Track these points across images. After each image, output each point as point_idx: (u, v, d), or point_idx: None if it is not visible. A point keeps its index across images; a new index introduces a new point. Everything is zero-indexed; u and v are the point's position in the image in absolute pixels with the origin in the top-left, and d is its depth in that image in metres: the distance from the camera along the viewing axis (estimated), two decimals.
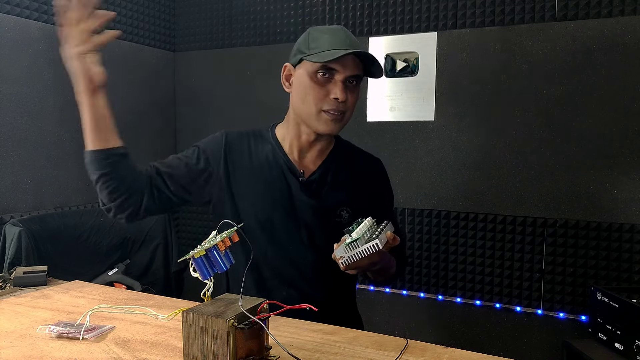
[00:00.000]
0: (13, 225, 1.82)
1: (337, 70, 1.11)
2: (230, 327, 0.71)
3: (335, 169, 1.23)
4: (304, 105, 1.15)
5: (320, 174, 1.21)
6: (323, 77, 1.12)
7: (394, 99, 2.26)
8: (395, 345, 0.87)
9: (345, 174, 1.24)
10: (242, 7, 2.61)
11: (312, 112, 1.14)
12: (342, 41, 1.12)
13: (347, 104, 1.14)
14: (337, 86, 1.11)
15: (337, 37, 1.13)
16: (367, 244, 0.89)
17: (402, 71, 2.24)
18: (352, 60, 1.11)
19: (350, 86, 1.14)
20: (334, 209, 1.20)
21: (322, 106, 1.13)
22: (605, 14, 1.89)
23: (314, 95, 1.13)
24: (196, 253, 0.79)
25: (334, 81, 1.12)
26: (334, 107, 1.12)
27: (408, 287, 2.30)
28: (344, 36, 1.13)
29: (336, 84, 1.11)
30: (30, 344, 0.87)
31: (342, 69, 1.11)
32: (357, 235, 0.91)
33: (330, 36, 1.13)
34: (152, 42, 2.65)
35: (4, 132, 1.96)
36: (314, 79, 1.12)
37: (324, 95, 1.12)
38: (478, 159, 2.12)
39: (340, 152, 1.26)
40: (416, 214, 2.25)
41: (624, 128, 1.88)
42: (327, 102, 1.12)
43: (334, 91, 1.11)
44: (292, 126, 1.21)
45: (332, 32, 1.15)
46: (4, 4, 1.94)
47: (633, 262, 1.89)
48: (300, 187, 1.19)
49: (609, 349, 1.65)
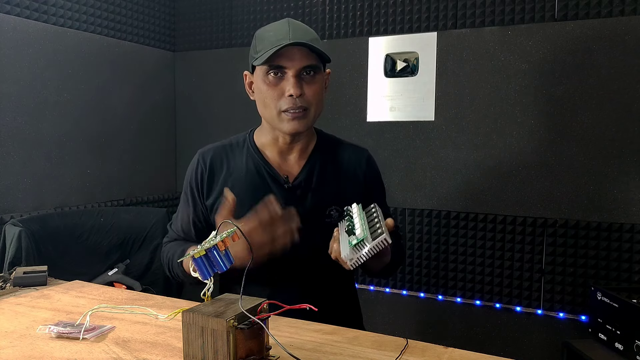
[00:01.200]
0: (13, 225, 1.82)
1: (285, 66, 1.07)
2: (230, 327, 0.71)
3: (320, 167, 1.20)
4: (266, 110, 1.13)
5: (306, 176, 1.18)
6: (275, 77, 1.09)
7: (394, 99, 2.26)
8: (395, 345, 0.87)
9: (331, 171, 1.21)
10: (242, 7, 2.62)
11: (273, 115, 1.11)
12: (284, 34, 1.07)
13: (306, 97, 1.10)
14: (289, 82, 1.08)
15: (280, 32, 1.09)
16: (375, 241, 0.86)
17: (402, 71, 2.24)
18: (299, 51, 1.08)
19: (307, 77, 1.10)
20: (323, 210, 1.18)
21: (281, 106, 1.10)
22: (605, 14, 1.89)
23: (271, 97, 1.10)
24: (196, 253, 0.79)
25: (286, 78, 1.09)
26: (292, 105, 1.09)
27: (408, 287, 2.30)
28: (286, 28, 1.09)
29: (288, 80, 1.08)
30: (30, 344, 0.87)
31: (291, 63, 1.07)
32: (362, 235, 0.88)
33: (274, 33, 1.09)
34: (152, 42, 2.65)
35: (4, 132, 1.96)
36: (266, 81, 1.10)
37: (280, 94, 1.10)
38: (478, 159, 2.12)
39: (324, 148, 1.23)
40: (416, 214, 2.25)
41: (624, 128, 1.88)
42: (284, 101, 1.09)
43: (287, 88, 1.08)
44: (267, 131, 1.19)
45: (275, 27, 1.11)
46: (4, 4, 1.94)
47: (633, 262, 1.89)
48: (286, 195, 1.16)
49: (609, 349, 1.65)
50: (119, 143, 2.45)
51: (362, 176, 1.25)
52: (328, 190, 1.19)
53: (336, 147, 1.26)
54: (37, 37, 2.06)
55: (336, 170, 1.22)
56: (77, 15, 2.23)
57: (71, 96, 2.22)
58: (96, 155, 2.33)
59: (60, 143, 2.17)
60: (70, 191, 2.23)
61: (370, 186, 1.27)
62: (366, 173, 1.26)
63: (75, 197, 2.25)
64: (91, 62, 2.30)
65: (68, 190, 2.22)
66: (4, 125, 1.97)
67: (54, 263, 1.76)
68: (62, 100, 2.17)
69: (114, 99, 2.43)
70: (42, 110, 2.10)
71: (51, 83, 2.13)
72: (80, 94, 2.25)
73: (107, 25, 2.38)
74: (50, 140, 2.13)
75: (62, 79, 2.18)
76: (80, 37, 2.25)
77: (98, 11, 2.33)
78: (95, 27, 2.32)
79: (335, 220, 1.17)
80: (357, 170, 1.25)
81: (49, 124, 2.13)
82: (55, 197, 2.17)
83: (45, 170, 2.12)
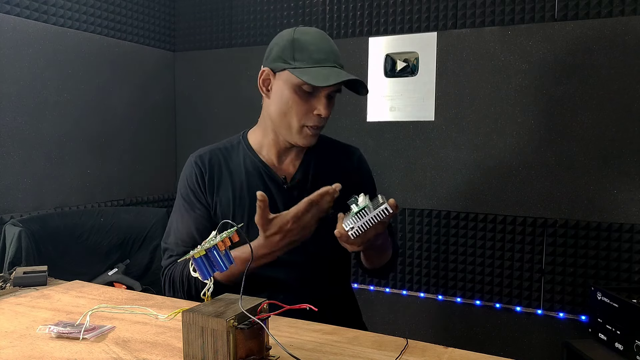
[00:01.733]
0: (13, 225, 1.82)
1: (322, 87, 1.07)
2: (230, 327, 0.71)
3: (315, 167, 1.21)
4: (285, 119, 1.11)
5: (302, 176, 1.19)
6: (307, 92, 1.08)
7: (394, 99, 2.26)
8: (395, 345, 0.87)
9: (325, 170, 1.22)
10: (242, 7, 2.62)
11: (293, 127, 1.11)
12: (327, 54, 1.08)
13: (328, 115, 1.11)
14: (321, 103, 1.08)
15: (323, 49, 1.09)
16: (377, 210, 0.88)
17: (402, 71, 2.24)
18: (335, 74, 1.08)
19: (332, 99, 1.12)
20: None
21: (306, 122, 1.10)
22: (605, 14, 1.89)
23: (297, 110, 1.09)
24: (196, 253, 0.79)
25: (318, 97, 1.08)
26: (317, 123, 1.09)
27: (408, 287, 2.30)
28: (328, 48, 1.09)
29: (320, 100, 1.08)
30: (30, 344, 0.87)
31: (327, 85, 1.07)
32: (363, 204, 0.90)
33: (316, 48, 1.08)
34: (152, 42, 2.65)
35: (4, 132, 1.96)
36: (298, 92, 1.08)
37: (307, 110, 1.09)
38: (478, 159, 2.12)
39: (317, 148, 1.23)
40: (416, 214, 2.25)
41: (624, 128, 1.88)
42: (310, 118, 1.09)
43: (318, 108, 1.08)
44: (269, 132, 1.18)
45: (317, 42, 1.10)
46: (4, 4, 1.94)
47: (633, 262, 1.89)
48: (284, 195, 1.16)
49: (609, 349, 1.65)
50: (119, 143, 2.45)
51: (354, 174, 1.27)
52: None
53: (329, 146, 1.28)
54: (37, 37, 2.06)
55: (330, 169, 1.23)
56: (77, 15, 2.23)
57: (71, 96, 2.22)
58: (96, 155, 2.33)
59: (60, 143, 2.17)
60: (70, 191, 2.23)
61: (362, 183, 1.28)
62: (358, 171, 1.29)
63: (75, 197, 2.25)
64: (91, 62, 2.30)
65: (68, 190, 2.22)
66: (4, 125, 1.97)
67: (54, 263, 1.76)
68: (62, 100, 2.17)
69: (114, 99, 2.43)
70: (42, 110, 2.10)
71: (51, 83, 2.13)
72: (80, 94, 2.25)
73: (107, 25, 2.38)
74: (50, 140, 2.13)
75: (62, 79, 2.18)
76: (80, 37, 2.25)
77: (98, 11, 2.33)
78: (95, 27, 2.32)
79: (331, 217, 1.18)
80: (349, 168, 1.27)
81: (49, 124, 2.13)
82: (55, 197, 2.17)
83: (45, 170, 2.12)
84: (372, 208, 0.89)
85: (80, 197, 2.27)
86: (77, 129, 2.24)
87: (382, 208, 0.87)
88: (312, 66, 1.06)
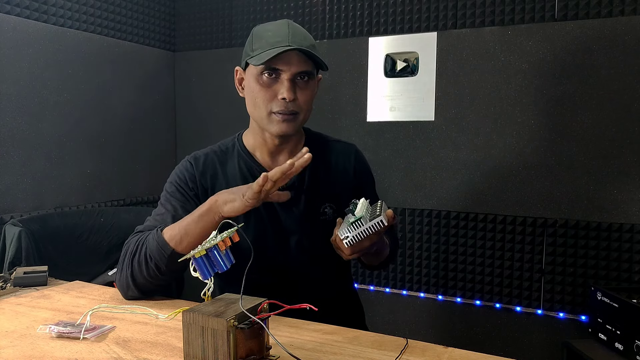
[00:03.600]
0: (13, 225, 1.82)
1: (281, 69, 1.07)
2: (230, 326, 0.71)
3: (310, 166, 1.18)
4: (256, 109, 1.12)
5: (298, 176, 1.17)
6: (269, 78, 1.08)
7: (394, 99, 2.26)
8: (395, 345, 0.87)
9: (322, 169, 1.22)
10: (242, 7, 2.62)
11: (263, 115, 1.11)
12: (284, 37, 1.07)
13: (298, 102, 1.10)
14: (284, 85, 1.07)
15: (280, 33, 1.08)
16: (372, 222, 0.87)
17: (402, 71, 2.24)
18: (297, 56, 1.07)
19: (301, 83, 1.10)
20: (317, 208, 1.18)
21: (272, 108, 1.09)
22: (605, 14, 1.89)
23: (262, 98, 1.09)
24: (196, 253, 0.79)
25: (280, 80, 1.08)
26: (283, 108, 1.09)
27: (408, 287, 2.30)
28: (286, 31, 1.08)
29: (282, 83, 1.08)
30: (30, 344, 0.87)
31: (287, 66, 1.07)
32: (359, 214, 0.90)
33: (273, 33, 1.08)
34: (152, 42, 2.65)
35: (4, 132, 1.96)
36: (259, 81, 1.09)
37: (272, 96, 1.09)
38: (478, 159, 2.12)
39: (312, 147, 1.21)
40: (416, 214, 2.25)
41: (624, 128, 1.88)
42: (276, 103, 1.09)
43: (281, 91, 1.08)
44: (256, 133, 1.18)
45: (275, 28, 1.10)
46: (4, 4, 1.94)
47: (633, 262, 1.89)
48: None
49: (609, 349, 1.65)
50: (119, 143, 2.45)
51: (352, 171, 1.26)
52: (320, 188, 1.20)
53: (324, 145, 1.27)
54: (37, 37, 2.06)
55: (326, 168, 1.23)
56: (77, 15, 2.23)
57: (71, 96, 2.22)
58: (96, 155, 2.33)
59: (60, 143, 2.17)
60: (70, 191, 2.23)
61: (360, 179, 1.28)
62: (355, 167, 1.27)
63: (75, 197, 2.25)
64: (91, 62, 2.30)
65: (68, 190, 2.22)
66: (4, 125, 1.97)
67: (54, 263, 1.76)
68: (62, 100, 2.17)
69: (114, 99, 2.43)
70: (42, 110, 2.10)
71: (51, 83, 2.13)
72: (80, 94, 2.25)
73: (107, 25, 2.38)
74: (50, 140, 2.13)
75: (62, 79, 2.18)
76: (80, 37, 2.25)
77: (98, 11, 2.33)
78: (95, 27, 2.32)
79: (330, 217, 1.18)
80: (346, 165, 1.26)
81: (49, 124, 2.13)
82: (55, 197, 2.17)
83: (45, 170, 2.12)
84: (368, 219, 0.89)
85: (80, 197, 2.27)
86: (77, 129, 2.24)
87: (378, 220, 0.87)
88: (265, 50, 1.06)
